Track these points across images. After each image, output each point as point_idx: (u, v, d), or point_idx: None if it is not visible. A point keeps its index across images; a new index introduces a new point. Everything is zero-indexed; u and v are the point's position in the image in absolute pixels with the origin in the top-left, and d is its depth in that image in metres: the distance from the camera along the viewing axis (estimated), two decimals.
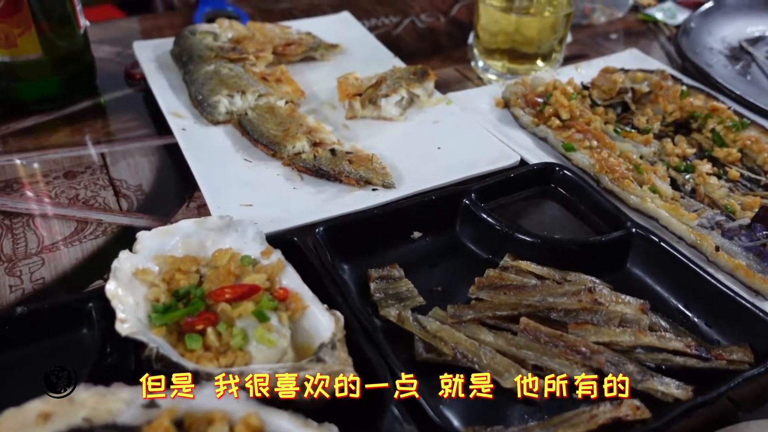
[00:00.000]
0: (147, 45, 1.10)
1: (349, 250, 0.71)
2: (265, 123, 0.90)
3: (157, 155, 0.93)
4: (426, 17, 1.38)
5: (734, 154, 0.92)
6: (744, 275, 0.71)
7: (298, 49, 1.10)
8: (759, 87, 1.12)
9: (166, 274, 0.61)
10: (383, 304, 0.66)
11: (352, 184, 0.82)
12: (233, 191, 0.80)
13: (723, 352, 0.62)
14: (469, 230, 0.76)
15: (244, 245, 0.64)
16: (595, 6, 1.41)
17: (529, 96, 0.99)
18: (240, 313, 0.57)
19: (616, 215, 0.76)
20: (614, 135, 0.93)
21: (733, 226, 0.79)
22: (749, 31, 1.30)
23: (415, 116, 0.98)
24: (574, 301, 0.64)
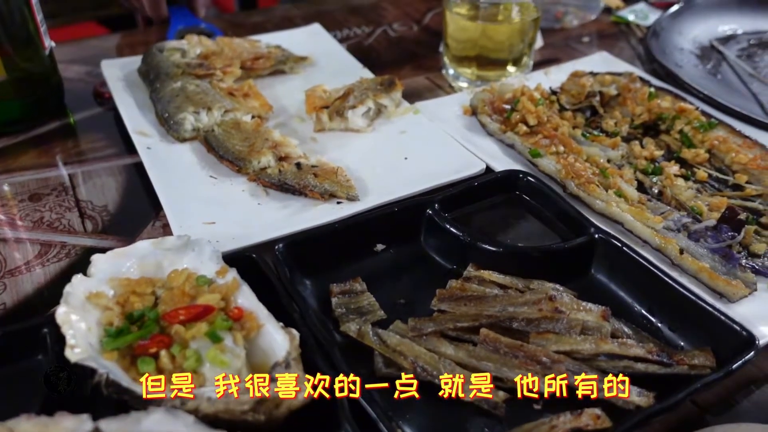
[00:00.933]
0: (115, 63, 1.10)
1: (311, 265, 0.71)
2: (231, 139, 0.90)
3: (124, 175, 0.92)
4: (398, 26, 1.38)
5: (702, 154, 0.92)
6: (708, 278, 0.70)
7: (266, 62, 1.10)
8: (729, 86, 1.12)
9: (121, 297, 0.60)
10: (344, 319, 0.66)
11: (317, 198, 0.81)
12: (197, 209, 0.79)
13: (684, 357, 0.62)
14: (433, 241, 0.76)
15: (200, 264, 0.64)
16: (567, 9, 1.41)
17: (496, 103, 0.99)
18: (194, 335, 0.56)
19: (580, 221, 0.75)
20: (582, 139, 0.93)
21: (700, 227, 0.78)
22: (720, 30, 1.31)
23: (382, 127, 0.98)
24: (535, 310, 0.64)
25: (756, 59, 1.22)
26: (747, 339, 0.60)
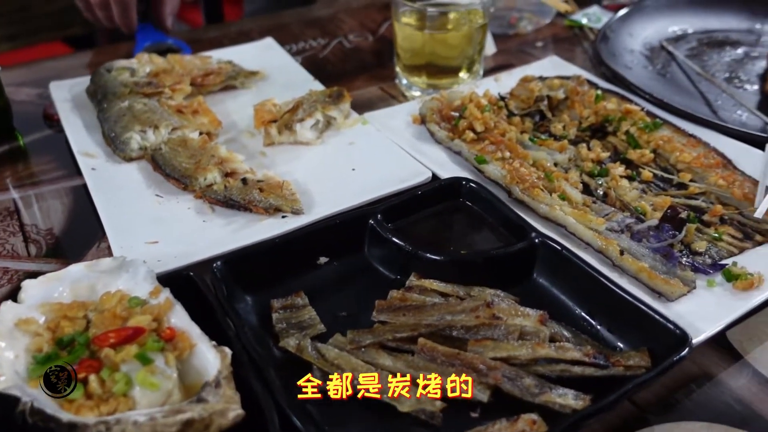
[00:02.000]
0: (64, 85, 1.09)
1: (253, 281, 0.71)
2: (177, 156, 0.90)
3: (71, 197, 0.91)
4: (354, 37, 1.39)
5: (647, 155, 0.93)
6: (647, 277, 0.71)
7: (216, 78, 1.09)
8: (677, 86, 1.14)
9: (52, 322, 0.60)
10: (284, 334, 0.66)
11: (262, 213, 0.81)
12: (140, 229, 0.79)
13: (621, 359, 0.62)
14: (376, 252, 0.76)
15: (135, 285, 0.63)
16: (522, 15, 1.42)
17: (444, 111, 0.99)
18: (123, 358, 0.56)
19: (521, 226, 0.76)
20: (529, 144, 0.94)
21: (642, 228, 0.79)
22: (671, 31, 1.32)
23: (331, 139, 0.98)
24: (472, 317, 0.64)
25: (705, 58, 1.23)
26: (681, 337, 0.61)
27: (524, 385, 0.60)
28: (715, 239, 0.78)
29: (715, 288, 0.72)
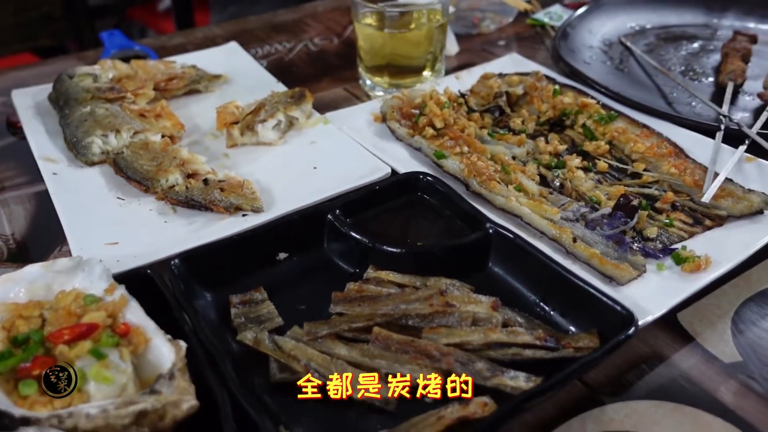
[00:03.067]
0: (26, 92, 1.09)
1: (212, 278, 0.71)
2: (139, 159, 0.90)
3: (33, 202, 0.92)
4: (319, 40, 1.40)
5: (603, 146, 0.95)
6: (598, 263, 0.73)
7: (180, 83, 1.10)
8: (634, 80, 1.16)
9: (7, 321, 0.60)
10: (242, 328, 0.66)
11: (222, 212, 0.82)
12: (100, 231, 0.79)
13: (571, 341, 0.63)
14: (335, 246, 0.77)
15: (90, 284, 0.64)
16: (484, 15, 1.44)
17: (405, 109, 1.01)
18: (78, 354, 0.56)
19: (476, 217, 0.77)
20: (488, 139, 0.96)
21: (596, 216, 0.81)
22: (629, 27, 1.35)
23: (293, 139, 0.99)
24: (426, 305, 0.65)
25: (662, 52, 1.26)
26: (627, 317, 0.62)
27: (476, 369, 0.61)
28: (666, 225, 0.80)
29: (664, 271, 0.73)
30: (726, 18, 1.37)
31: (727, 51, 1.18)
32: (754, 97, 1.09)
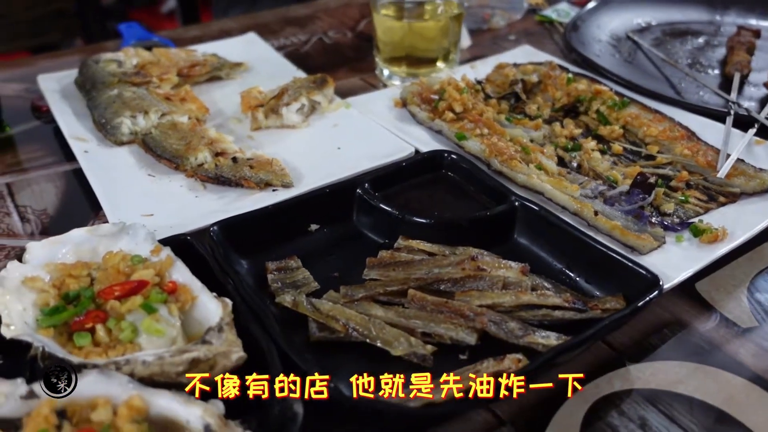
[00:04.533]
0: (51, 77, 1.11)
1: (247, 247, 0.73)
2: (168, 138, 0.92)
3: (63, 180, 0.94)
4: (333, 34, 1.43)
5: (617, 130, 0.98)
6: (620, 234, 0.75)
7: (202, 69, 1.13)
8: (643, 71, 1.20)
9: (57, 280, 0.62)
10: (279, 292, 0.68)
11: (253, 188, 0.84)
12: (135, 203, 0.81)
13: (598, 303, 0.66)
14: (364, 218, 0.79)
15: (135, 246, 0.66)
16: (494, 11, 1.48)
17: (424, 94, 1.03)
18: (129, 308, 0.58)
19: (501, 191, 0.80)
20: (506, 123, 0.98)
21: (614, 193, 0.84)
22: (635, 23, 1.39)
23: (316, 122, 1.01)
24: (459, 270, 0.68)
25: (668, 47, 1.30)
26: (652, 281, 0.65)
27: (509, 328, 0.63)
28: (681, 202, 0.83)
29: (683, 243, 0.76)
30: (728, 15, 1.41)
31: (732, 44, 1.22)
32: (759, 87, 1.13)
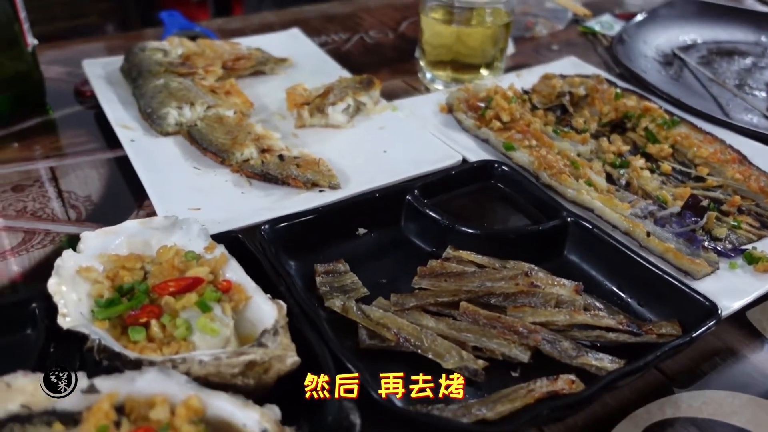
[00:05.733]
0: (96, 63, 1.11)
1: (295, 247, 0.73)
2: (214, 132, 0.92)
3: (106, 167, 0.93)
4: (375, 33, 1.42)
5: (666, 149, 0.96)
6: (673, 257, 0.74)
7: (247, 63, 1.12)
8: (690, 89, 1.18)
9: (110, 271, 0.61)
10: (328, 296, 0.68)
11: (300, 187, 0.84)
12: (182, 196, 0.81)
13: (653, 327, 0.65)
14: (413, 225, 0.79)
15: (188, 242, 0.65)
16: (537, 20, 1.47)
17: (471, 101, 1.03)
18: (183, 305, 0.58)
19: (553, 206, 0.79)
20: (553, 135, 0.97)
21: (665, 214, 0.82)
22: (681, 40, 1.37)
23: (361, 123, 1.01)
24: (512, 284, 0.67)
25: (715, 66, 1.28)
26: (710, 309, 0.64)
27: (562, 347, 0.62)
28: (734, 227, 0.82)
29: (736, 270, 0.75)
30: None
31: None
32: None
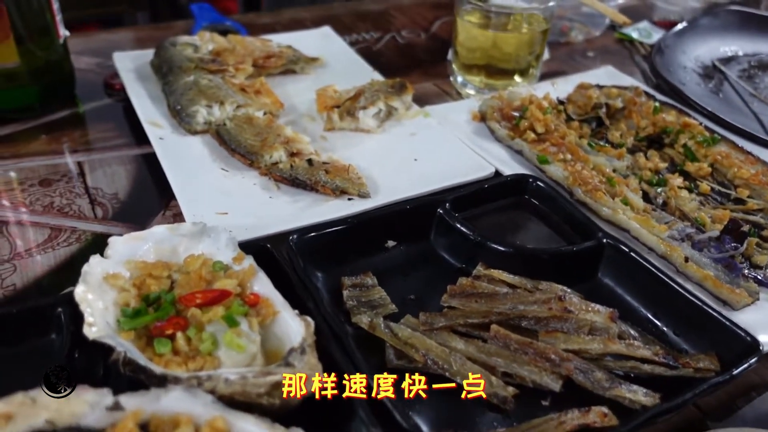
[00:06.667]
0: (127, 56, 1.11)
1: (323, 258, 0.72)
2: (243, 133, 0.91)
3: (134, 164, 0.93)
4: (407, 33, 1.40)
5: (705, 168, 0.93)
6: (712, 285, 0.72)
7: (278, 61, 1.11)
8: (730, 105, 1.15)
9: (137, 279, 0.61)
10: (356, 311, 0.66)
11: (328, 194, 0.82)
12: (209, 199, 0.80)
13: (690, 360, 0.63)
14: (443, 240, 0.77)
15: (216, 251, 0.64)
16: (573, 25, 1.43)
17: (505, 110, 1.00)
18: (210, 318, 0.57)
19: (588, 225, 0.77)
20: (588, 149, 0.95)
21: (703, 238, 0.80)
22: (722, 51, 1.33)
23: (392, 128, 0.99)
24: (545, 309, 0.65)
25: (756, 80, 1.24)
26: (751, 344, 0.62)
27: (595, 378, 0.60)
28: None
29: None
30: None
31: None
32: None
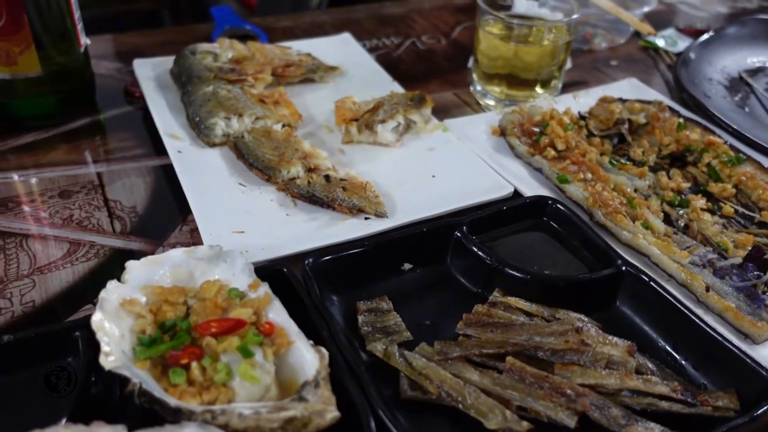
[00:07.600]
0: (147, 63, 1.11)
1: (339, 281, 0.71)
2: (261, 147, 0.90)
3: (153, 176, 0.93)
4: (427, 39, 1.39)
5: (729, 189, 0.92)
6: (733, 317, 0.70)
7: (297, 70, 1.10)
8: (757, 119, 1.12)
9: (154, 305, 0.61)
10: (370, 338, 0.66)
11: (345, 212, 0.82)
12: (226, 217, 0.80)
13: (709, 398, 0.62)
14: (459, 263, 0.76)
15: (232, 276, 0.64)
16: (596, 32, 1.41)
17: (525, 125, 0.99)
18: (225, 348, 0.57)
19: (607, 252, 0.75)
20: (609, 167, 0.93)
21: (725, 265, 0.78)
22: (749, 62, 1.30)
23: (411, 142, 0.98)
24: (561, 341, 0.64)
25: None
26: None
27: (611, 415, 0.60)
28: None
29: None
30: None
31: None
32: None
